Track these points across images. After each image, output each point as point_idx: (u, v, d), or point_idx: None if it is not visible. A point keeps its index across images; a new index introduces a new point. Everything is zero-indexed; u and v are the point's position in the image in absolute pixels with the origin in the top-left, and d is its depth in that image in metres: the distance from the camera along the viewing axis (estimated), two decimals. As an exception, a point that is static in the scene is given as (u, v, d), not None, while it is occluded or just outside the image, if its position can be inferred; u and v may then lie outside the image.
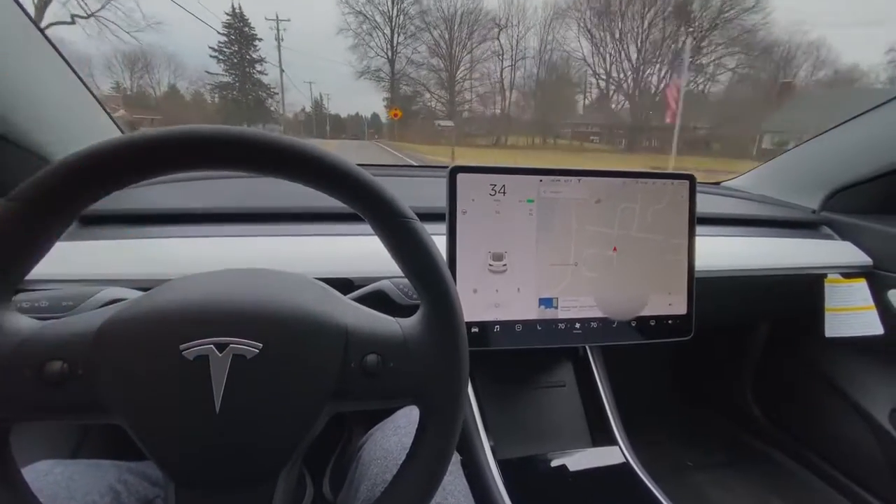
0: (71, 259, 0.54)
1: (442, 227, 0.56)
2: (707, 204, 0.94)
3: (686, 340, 0.64)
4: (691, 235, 0.63)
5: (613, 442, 0.63)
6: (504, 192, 0.57)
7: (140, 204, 0.67)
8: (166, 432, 0.29)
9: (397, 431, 0.51)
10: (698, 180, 0.63)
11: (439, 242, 0.35)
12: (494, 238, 0.57)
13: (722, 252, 0.81)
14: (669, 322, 0.63)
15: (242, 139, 0.27)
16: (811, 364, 1.02)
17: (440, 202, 0.57)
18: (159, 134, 0.27)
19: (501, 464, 0.58)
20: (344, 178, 0.30)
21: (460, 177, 0.56)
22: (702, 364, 1.28)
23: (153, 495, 0.45)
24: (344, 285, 0.57)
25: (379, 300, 0.52)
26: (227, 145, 0.27)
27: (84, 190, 0.27)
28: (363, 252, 0.62)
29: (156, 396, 0.28)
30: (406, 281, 0.51)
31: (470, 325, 0.57)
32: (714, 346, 1.23)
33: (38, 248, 0.28)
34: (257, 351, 0.29)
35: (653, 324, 0.63)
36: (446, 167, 0.56)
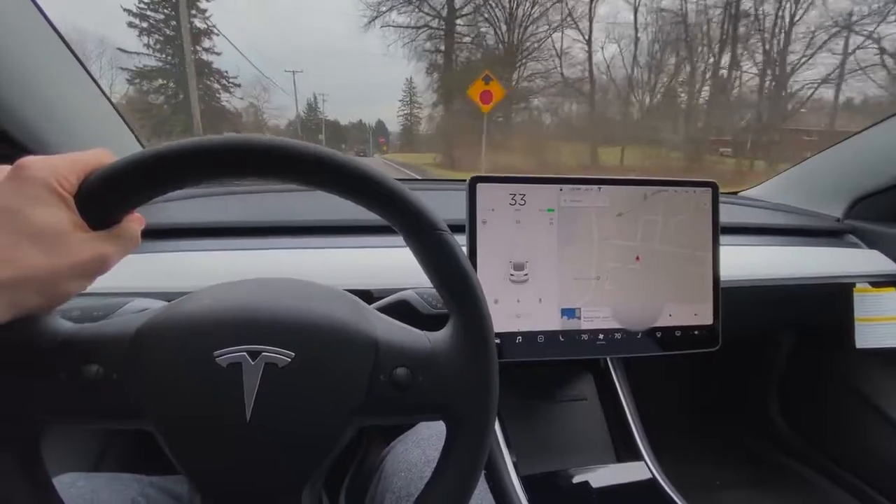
0: None
1: (461, 238, 0.56)
2: (726, 214, 0.93)
3: (712, 352, 0.62)
4: (715, 244, 0.62)
5: (638, 457, 0.61)
6: (524, 202, 0.57)
7: (166, 218, 0.69)
8: (196, 439, 0.29)
9: (420, 444, 0.50)
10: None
11: None
12: (515, 248, 0.57)
13: (743, 262, 0.80)
14: (695, 333, 0.62)
15: (279, 149, 0.28)
16: (842, 377, 0.98)
17: (458, 213, 0.57)
18: (179, 145, 0.27)
19: (525, 480, 0.56)
20: (377, 189, 0.30)
21: (480, 187, 0.56)
22: (726, 377, 1.25)
23: None
24: (363, 297, 0.57)
25: (402, 310, 0.51)
26: (263, 153, 0.27)
27: (123, 197, 0.28)
28: (382, 264, 0.62)
29: (187, 402, 0.28)
30: (430, 291, 0.50)
31: None
32: (738, 358, 1.19)
33: None
34: (289, 360, 0.29)
35: (678, 334, 0.61)
36: (463, 181, 0.57)
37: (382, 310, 0.37)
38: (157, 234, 0.66)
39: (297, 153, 0.28)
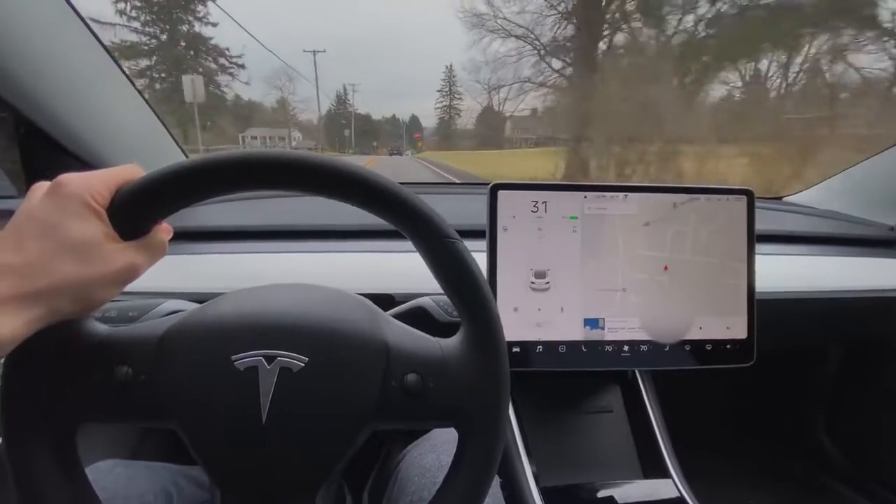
0: None
1: (482, 244, 0.55)
2: (768, 221, 0.88)
3: (747, 367, 0.59)
4: (750, 255, 0.59)
5: (666, 474, 0.59)
6: (546, 209, 0.56)
7: (196, 223, 0.72)
8: (215, 439, 0.30)
9: (435, 449, 0.50)
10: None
11: (480, 260, 0.35)
12: (536, 255, 0.56)
13: (786, 272, 0.75)
14: (728, 347, 0.59)
15: (296, 162, 0.29)
16: (895, 397, 0.91)
17: (479, 219, 0.56)
18: (198, 161, 0.29)
19: (545, 491, 0.55)
20: (388, 198, 0.30)
21: (501, 193, 0.55)
22: (766, 393, 1.18)
23: (202, 500, 0.47)
24: (385, 301, 0.58)
25: (419, 317, 0.52)
26: (276, 167, 0.29)
27: (151, 209, 0.29)
28: (405, 268, 0.63)
29: (208, 404, 0.30)
30: (446, 298, 0.51)
31: (511, 344, 0.55)
32: (779, 373, 1.13)
33: None
34: (303, 364, 0.30)
35: (709, 348, 0.59)
36: (486, 184, 0.56)
37: (398, 316, 0.38)
38: (189, 236, 0.69)
39: (306, 165, 0.29)
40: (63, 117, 0.59)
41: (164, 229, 0.32)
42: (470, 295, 0.32)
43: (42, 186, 0.28)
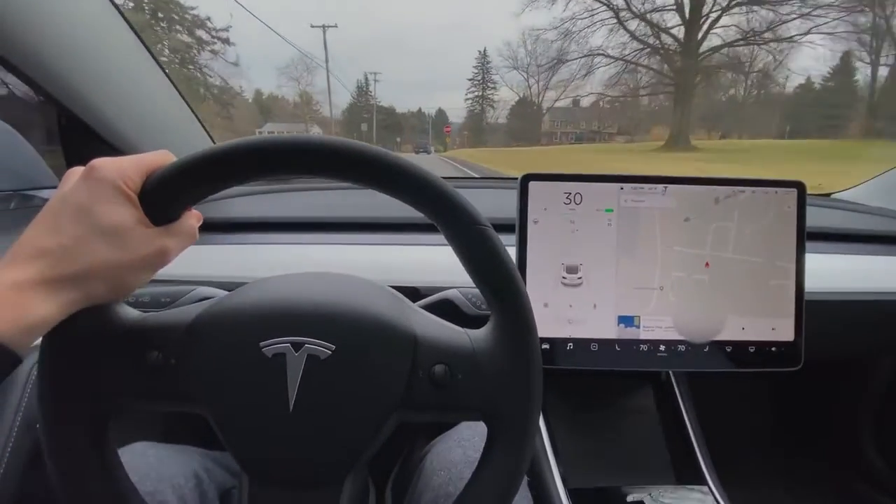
0: None
1: (512, 239, 0.54)
2: (816, 218, 0.83)
3: (793, 372, 0.56)
4: (800, 252, 0.55)
5: (702, 481, 0.56)
6: (580, 202, 0.54)
7: (227, 214, 0.74)
8: (242, 425, 0.30)
9: (461, 443, 0.49)
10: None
11: (509, 253, 0.33)
12: (568, 249, 0.54)
13: (834, 271, 0.71)
14: (772, 349, 0.55)
15: (324, 147, 0.28)
16: None
17: (510, 212, 0.55)
18: (238, 143, 0.28)
19: (572, 493, 0.53)
20: (417, 183, 0.30)
21: (532, 185, 0.54)
22: (810, 401, 1.12)
23: (230, 485, 0.48)
24: (411, 294, 0.57)
25: (446, 309, 0.51)
26: (307, 153, 0.28)
27: (181, 195, 0.29)
28: (431, 261, 0.62)
29: (235, 390, 0.30)
30: (474, 291, 0.49)
31: (541, 340, 0.54)
32: (826, 381, 1.06)
33: None
34: (330, 352, 0.30)
35: (752, 350, 0.55)
36: (515, 178, 0.55)
37: (426, 308, 0.37)
38: (220, 227, 0.71)
39: (338, 150, 0.28)
40: (102, 109, 0.61)
41: (194, 215, 0.32)
42: (500, 283, 0.31)
43: (76, 172, 0.28)
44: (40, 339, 0.27)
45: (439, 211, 0.30)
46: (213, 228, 0.70)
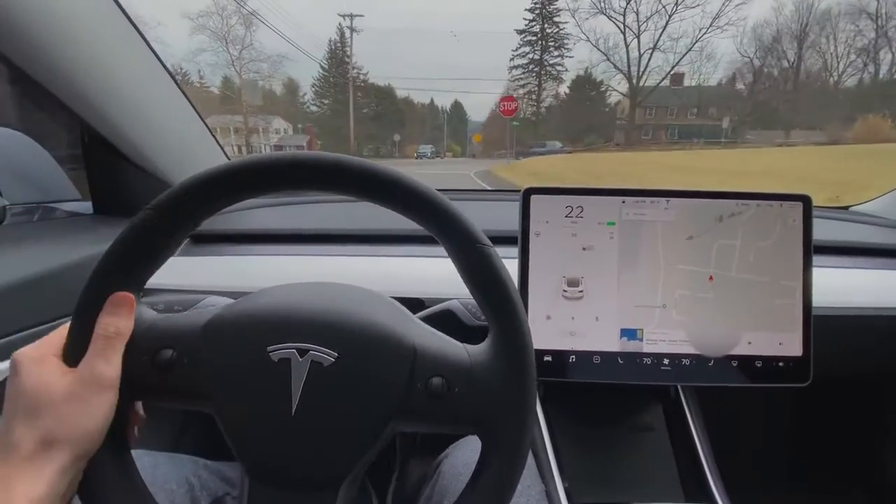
0: (182, 271, 0.62)
1: (513, 251, 0.54)
2: (833, 231, 0.82)
3: (804, 388, 0.54)
4: (807, 266, 0.55)
5: (711, 500, 0.55)
6: (581, 215, 0.54)
7: (238, 226, 0.76)
8: (247, 426, 0.31)
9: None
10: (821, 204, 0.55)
11: (510, 266, 0.35)
12: (570, 262, 0.54)
13: (852, 286, 0.69)
14: (780, 364, 0.54)
15: (331, 164, 0.30)
16: None
17: (512, 225, 0.56)
18: (251, 160, 0.30)
19: None
20: (421, 202, 0.31)
21: (534, 198, 0.54)
22: (828, 420, 1.08)
23: (223, 492, 0.48)
24: (415, 305, 0.58)
25: (447, 320, 0.52)
26: (312, 169, 0.30)
27: (202, 204, 0.31)
28: (435, 273, 0.63)
29: (242, 390, 0.31)
30: (475, 302, 0.50)
31: (543, 352, 0.54)
32: (845, 398, 1.03)
33: (164, 251, 0.32)
34: (332, 360, 0.31)
35: (759, 365, 0.54)
36: (518, 191, 0.56)
37: (427, 319, 0.38)
38: (230, 239, 0.73)
39: (342, 167, 0.30)
40: (124, 128, 0.64)
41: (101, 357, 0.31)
42: (499, 303, 0.32)
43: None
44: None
45: (441, 228, 0.32)
46: (223, 240, 0.73)
